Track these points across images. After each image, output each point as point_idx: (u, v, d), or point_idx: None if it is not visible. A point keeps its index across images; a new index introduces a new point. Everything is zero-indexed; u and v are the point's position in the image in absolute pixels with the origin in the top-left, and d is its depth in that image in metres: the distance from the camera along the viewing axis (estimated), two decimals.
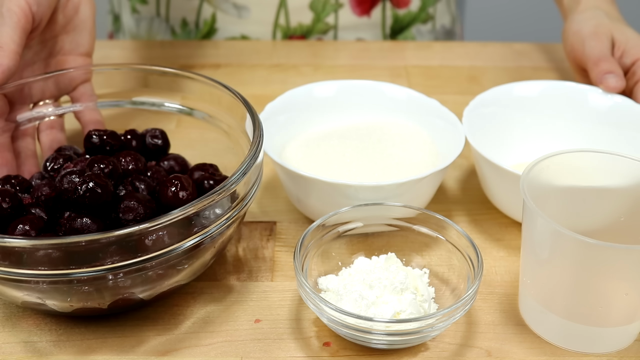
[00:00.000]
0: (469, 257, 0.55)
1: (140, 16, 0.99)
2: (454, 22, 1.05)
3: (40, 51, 0.68)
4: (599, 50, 0.74)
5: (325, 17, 0.95)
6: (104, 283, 0.51)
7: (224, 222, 0.53)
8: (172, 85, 0.67)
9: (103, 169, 0.56)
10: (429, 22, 1.00)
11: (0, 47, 0.60)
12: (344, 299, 0.53)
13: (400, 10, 0.97)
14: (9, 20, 0.61)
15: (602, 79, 0.71)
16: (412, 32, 1.00)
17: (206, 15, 0.95)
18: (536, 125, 0.71)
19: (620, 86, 0.70)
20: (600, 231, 0.55)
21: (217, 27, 0.96)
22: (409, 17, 0.98)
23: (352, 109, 0.72)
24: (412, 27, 0.99)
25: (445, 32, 1.03)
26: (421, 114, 0.70)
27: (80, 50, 0.69)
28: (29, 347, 0.54)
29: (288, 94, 0.70)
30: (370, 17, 0.96)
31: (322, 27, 0.96)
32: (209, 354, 0.53)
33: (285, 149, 0.67)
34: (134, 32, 1.01)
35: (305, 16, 0.95)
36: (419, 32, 1.00)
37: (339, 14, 0.95)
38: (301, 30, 0.96)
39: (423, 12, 0.98)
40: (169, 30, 0.99)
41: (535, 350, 0.54)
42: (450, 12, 1.04)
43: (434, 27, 1.01)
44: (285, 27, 0.95)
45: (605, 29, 0.76)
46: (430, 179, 0.60)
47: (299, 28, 0.96)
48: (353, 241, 0.60)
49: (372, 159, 0.65)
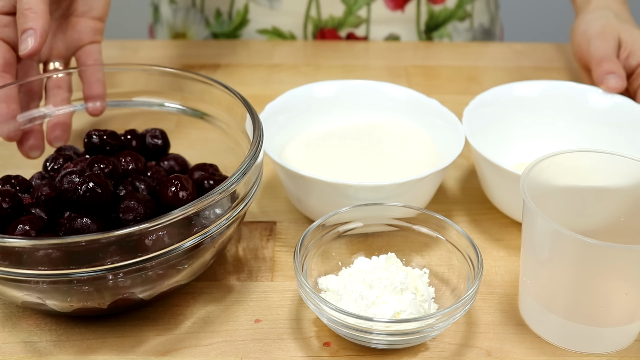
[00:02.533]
0: (469, 257, 0.55)
1: (177, 7, 1.00)
2: (493, 22, 1.03)
3: (54, 11, 0.68)
4: (603, 50, 0.74)
5: (357, 10, 0.94)
6: (104, 283, 0.51)
7: (224, 222, 0.53)
8: (172, 85, 0.67)
9: (103, 169, 0.56)
10: (467, 20, 0.99)
11: (30, 8, 0.61)
12: (344, 299, 0.53)
13: (435, 6, 0.95)
14: None
15: (603, 79, 0.71)
16: (449, 30, 0.98)
17: (239, 6, 0.95)
18: (536, 125, 0.71)
19: (620, 86, 0.70)
20: (600, 231, 0.55)
21: (250, 18, 0.96)
22: (445, 14, 0.97)
23: (352, 109, 0.72)
24: (449, 25, 0.98)
25: (484, 31, 1.02)
26: (421, 114, 0.70)
27: (93, 14, 0.69)
28: (29, 347, 0.54)
29: (288, 94, 0.70)
30: (404, 11, 0.95)
31: (354, 20, 0.95)
32: (209, 354, 0.53)
33: (285, 149, 0.67)
34: (171, 22, 1.01)
35: (337, 8, 0.94)
36: (455, 30, 0.99)
37: (372, 7, 0.94)
38: (332, 23, 0.95)
39: (460, 9, 0.97)
40: (204, 21, 0.98)
41: (535, 350, 0.54)
42: (490, 12, 1.02)
43: (471, 25, 1.00)
44: (317, 19, 0.95)
45: (613, 30, 0.76)
46: (430, 179, 0.60)
47: (330, 20, 0.95)
48: (353, 241, 0.60)
49: (372, 159, 0.65)
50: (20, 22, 0.62)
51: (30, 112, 0.66)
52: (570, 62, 0.93)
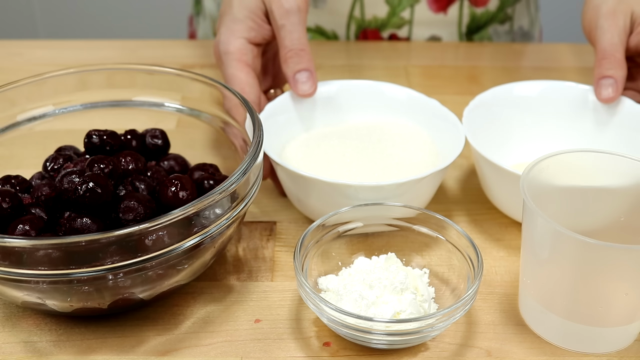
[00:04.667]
0: (469, 257, 0.55)
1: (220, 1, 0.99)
2: (533, 24, 1.03)
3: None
4: (608, 38, 0.68)
5: (401, 11, 0.93)
6: (104, 283, 0.51)
7: (224, 222, 0.53)
8: (172, 85, 0.67)
9: (103, 169, 0.56)
10: (507, 22, 0.99)
11: (304, 50, 0.66)
12: (344, 299, 0.53)
13: (478, 8, 0.95)
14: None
15: (598, 84, 0.68)
16: (489, 32, 0.98)
17: None
18: (536, 125, 0.71)
19: (613, 97, 0.67)
20: (600, 231, 0.55)
21: None
22: (486, 17, 0.96)
23: (352, 109, 0.72)
24: (489, 27, 0.98)
25: (523, 34, 1.02)
26: (421, 114, 0.70)
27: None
28: (29, 347, 0.54)
29: (288, 93, 0.70)
30: (447, 14, 0.95)
31: (397, 22, 0.95)
32: (209, 354, 0.53)
33: (285, 149, 0.67)
34: (214, 15, 1.00)
35: (381, 9, 0.94)
36: (495, 33, 0.99)
37: (415, 9, 0.94)
38: (375, 24, 0.95)
39: (501, 12, 0.96)
40: None
41: (535, 350, 0.54)
42: (530, 15, 1.02)
43: (511, 28, 0.99)
44: (360, 19, 0.94)
45: (626, 6, 0.69)
46: (430, 179, 0.60)
47: (373, 21, 0.94)
48: (353, 241, 0.60)
49: (372, 159, 0.65)
50: (295, 62, 0.66)
51: (31, 112, 0.66)
52: (571, 62, 0.93)
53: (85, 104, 0.68)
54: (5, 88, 0.63)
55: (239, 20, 0.68)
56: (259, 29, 0.68)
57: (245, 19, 0.68)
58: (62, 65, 0.68)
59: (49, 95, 0.67)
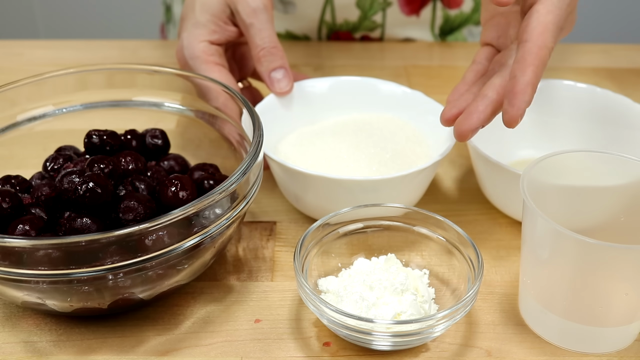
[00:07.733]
0: (469, 257, 0.55)
1: None
2: None
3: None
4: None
5: (373, 15, 0.93)
6: (104, 283, 0.51)
7: (224, 222, 0.53)
8: (172, 85, 0.67)
9: (103, 169, 0.56)
10: None
11: (276, 47, 0.67)
12: (344, 300, 0.53)
13: (451, 10, 0.95)
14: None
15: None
16: (464, 34, 0.98)
17: None
18: (536, 125, 0.71)
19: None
20: (600, 231, 0.55)
21: None
22: (460, 18, 0.96)
23: (344, 105, 0.71)
24: (464, 29, 0.98)
25: None
26: (412, 109, 0.70)
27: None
28: (29, 347, 0.54)
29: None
30: (420, 16, 0.95)
31: (369, 25, 0.94)
32: (209, 354, 0.53)
33: (277, 147, 0.67)
34: None
35: (352, 13, 0.93)
36: (470, 34, 0.99)
37: (387, 12, 0.94)
38: (347, 27, 0.94)
39: (476, 13, 0.96)
40: None
41: (535, 350, 0.54)
42: None
43: None
44: (331, 23, 0.94)
45: None
46: (425, 173, 0.60)
47: (344, 24, 0.94)
48: (353, 242, 0.60)
49: (366, 154, 0.65)
50: (269, 60, 0.66)
51: (31, 112, 0.66)
52: (571, 62, 0.93)
53: (85, 104, 0.68)
54: (5, 88, 0.63)
55: (202, 24, 0.67)
56: (222, 31, 0.68)
57: (208, 22, 0.67)
58: (62, 65, 0.69)
59: (49, 95, 0.67)
